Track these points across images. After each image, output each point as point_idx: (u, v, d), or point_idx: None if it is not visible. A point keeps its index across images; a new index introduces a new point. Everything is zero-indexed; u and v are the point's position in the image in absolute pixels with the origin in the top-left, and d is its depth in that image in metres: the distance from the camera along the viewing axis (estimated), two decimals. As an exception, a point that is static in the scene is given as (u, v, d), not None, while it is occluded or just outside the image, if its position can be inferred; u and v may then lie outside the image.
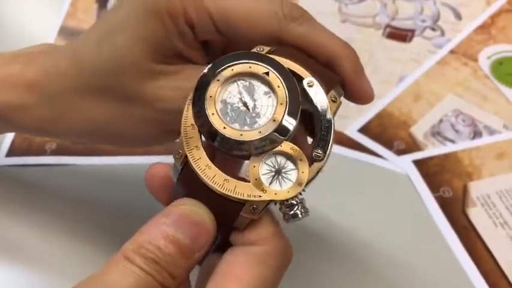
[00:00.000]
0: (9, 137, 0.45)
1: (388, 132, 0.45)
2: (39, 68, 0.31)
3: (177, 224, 0.23)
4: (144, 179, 0.27)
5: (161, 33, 0.28)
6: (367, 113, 0.46)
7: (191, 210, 0.23)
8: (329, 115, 0.24)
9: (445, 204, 0.40)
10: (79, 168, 0.43)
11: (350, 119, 0.46)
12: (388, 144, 0.44)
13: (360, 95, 0.27)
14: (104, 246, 0.38)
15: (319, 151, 0.24)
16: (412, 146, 0.44)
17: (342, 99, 0.29)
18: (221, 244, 0.25)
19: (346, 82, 0.27)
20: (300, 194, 0.24)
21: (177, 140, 0.25)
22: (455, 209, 0.40)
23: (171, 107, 0.28)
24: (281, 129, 0.23)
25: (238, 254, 0.24)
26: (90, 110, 0.30)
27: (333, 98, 0.25)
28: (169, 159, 0.31)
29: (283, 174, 0.24)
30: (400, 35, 0.53)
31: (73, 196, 0.41)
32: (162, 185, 0.27)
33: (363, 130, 0.45)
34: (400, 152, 0.44)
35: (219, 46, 0.30)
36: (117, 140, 0.32)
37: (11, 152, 0.44)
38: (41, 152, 0.44)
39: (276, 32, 0.27)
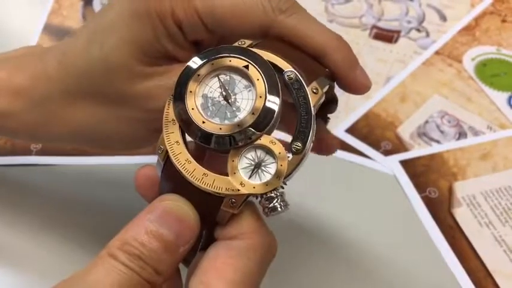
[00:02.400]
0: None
1: (375, 133, 0.45)
2: (26, 72, 0.30)
3: (161, 219, 0.23)
4: (133, 180, 0.27)
5: (150, 35, 0.27)
6: (354, 113, 0.47)
7: (175, 206, 0.23)
8: (309, 107, 0.24)
9: (431, 204, 0.41)
10: (64, 168, 0.43)
11: (338, 119, 0.46)
12: (375, 144, 0.45)
13: (354, 85, 0.27)
14: (91, 246, 0.38)
15: (298, 144, 0.23)
16: (399, 146, 0.45)
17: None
18: (207, 241, 0.25)
19: (339, 73, 0.27)
20: (282, 187, 0.23)
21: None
22: (441, 209, 0.41)
23: (159, 106, 0.27)
24: (260, 122, 0.23)
25: (220, 248, 0.24)
26: (79, 114, 0.30)
27: (314, 90, 0.24)
28: (155, 159, 0.30)
29: (263, 168, 0.23)
30: (386, 35, 0.53)
31: (58, 196, 0.41)
32: (151, 187, 0.26)
33: (351, 130, 0.45)
34: (387, 153, 0.44)
35: (210, 45, 0.30)
36: (108, 143, 0.32)
37: (-5, 152, 0.43)
38: (26, 152, 0.43)
39: (265, 25, 0.27)
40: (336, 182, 0.43)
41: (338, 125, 0.46)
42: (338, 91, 0.29)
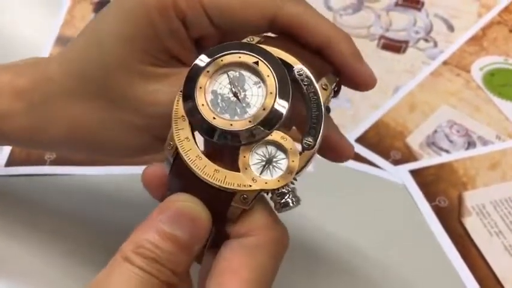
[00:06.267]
0: (9, 147, 0.45)
1: (384, 142, 0.46)
2: (28, 76, 0.30)
3: (173, 220, 0.23)
4: (141, 177, 0.27)
5: (150, 32, 0.27)
6: (364, 122, 0.47)
7: (186, 206, 0.23)
8: (319, 103, 0.24)
9: (441, 214, 0.41)
10: (78, 178, 0.43)
11: (347, 128, 0.46)
12: (384, 154, 0.45)
13: (360, 79, 0.27)
14: (104, 256, 0.38)
15: (310, 139, 0.23)
16: (408, 156, 0.45)
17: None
18: (216, 238, 0.25)
19: (345, 66, 0.26)
20: (292, 183, 0.24)
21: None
22: (451, 218, 0.41)
23: (161, 112, 0.27)
24: (271, 118, 0.23)
25: (233, 247, 0.24)
26: (79, 116, 0.29)
27: (323, 86, 0.25)
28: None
29: (274, 164, 0.23)
30: (394, 46, 0.54)
31: (72, 206, 0.41)
32: (159, 184, 0.26)
33: (360, 140, 0.46)
34: (396, 162, 0.44)
35: (212, 45, 0.29)
36: (108, 150, 0.31)
37: (10, 162, 0.44)
38: (41, 162, 0.44)
39: (272, 14, 0.26)
40: (345, 192, 0.43)
41: (347, 134, 0.46)
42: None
